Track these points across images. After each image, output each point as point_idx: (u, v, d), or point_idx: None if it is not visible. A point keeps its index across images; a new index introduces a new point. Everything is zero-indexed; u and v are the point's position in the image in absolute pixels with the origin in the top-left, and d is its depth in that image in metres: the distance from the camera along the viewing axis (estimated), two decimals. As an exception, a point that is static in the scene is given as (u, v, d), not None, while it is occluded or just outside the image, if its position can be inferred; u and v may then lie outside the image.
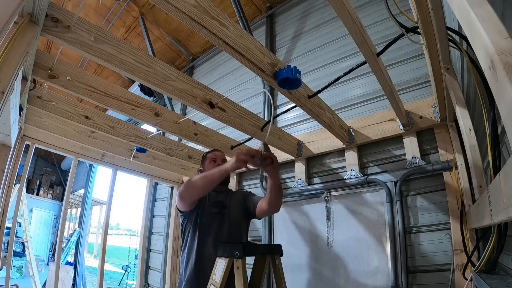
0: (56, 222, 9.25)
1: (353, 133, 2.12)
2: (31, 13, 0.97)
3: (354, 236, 2.03)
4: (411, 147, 1.90)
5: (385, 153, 2.06)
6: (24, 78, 1.36)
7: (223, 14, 1.07)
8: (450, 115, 1.67)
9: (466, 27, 0.53)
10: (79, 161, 2.68)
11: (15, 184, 2.40)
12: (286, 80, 1.28)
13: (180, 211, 1.61)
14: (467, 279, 1.37)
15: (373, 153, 2.12)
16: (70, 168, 2.76)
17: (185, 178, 3.40)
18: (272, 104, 1.94)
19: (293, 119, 2.71)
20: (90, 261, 10.89)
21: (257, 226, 2.67)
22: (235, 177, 2.98)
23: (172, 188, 3.59)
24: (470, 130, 1.23)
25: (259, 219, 1.78)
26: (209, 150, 1.87)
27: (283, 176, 2.64)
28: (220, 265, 1.28)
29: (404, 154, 1.94)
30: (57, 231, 5.70)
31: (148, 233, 3.91)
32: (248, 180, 2.93)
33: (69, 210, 10.05)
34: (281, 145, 2.17)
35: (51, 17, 1.07)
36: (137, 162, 2.74)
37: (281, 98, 2.90)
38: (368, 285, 1.88)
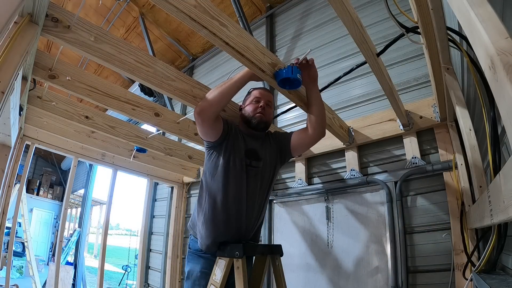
0: (56, 222, 9.24)
1: (353, 133, 2.12)
2: (31, 13, 0.97)
3: (354, 236, 2.03)
4: (411, 147, 1.90)
5: (385, 153, 2.06)
6: (24, 78, 1.36)
7: (223, 14, 1.07)
8: (450, 115, 1.67)
9: (466, 27, 0.53)
10: (79, 161, 2.68)
11: (15, 184, 2.40)
12: (286, 80, 1.27)
13: (206, 141, 1.42)
14: (467, 279, 1.37)
15: (373, 153, 2.12)
16: (70, 168, 2.76)
17: (185, 178, 3.41)
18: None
19: (293, 119, 2.71)
20: (90, 261, 10.88)
21: (257, 226, 2.67)
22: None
23: (172, 188, 3.59)
24: (470, 130, 1.23)
25: (294, 155, 1.56)
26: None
27: (283, 176, 2.64)
28: (220, 265, 1.28)
29: (404, 154, 1.94)
30: (57, 231, 5.70)
31: (148, 233, 3.91)
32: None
33: (69, 210, 10.05)
34: (281, 145, 2.16)
35: (51, 17, 1.07)
36: (137, 162, 2.74)
37: (281, 98, 2.90)
38: (368, 285, 1.88)
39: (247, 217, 1.39)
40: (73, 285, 6.51)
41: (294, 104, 1.57)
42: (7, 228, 2.47)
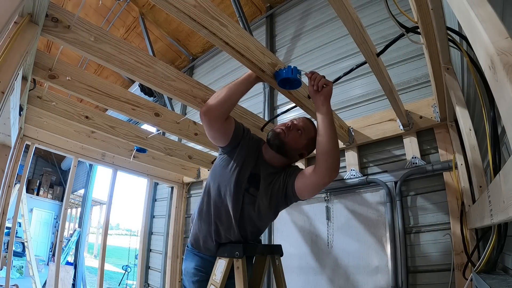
0: (56, 222, 9.24)
1: (353, 133, 2.12)
2: (31, 13, 0.97)
3: (354, 236, 2.03)
4: (411, 147, 1.90)
5: (385, 153, 2.06)
6: (24, 78, 1.36)
7: (223, 14, 1.07)
8: (450, 115, 1.67)
9: (466, 27, 0.53)
10: (79, 161, 2.68)
11: (15, 184, 2.40)
12: (286, 80, 1.27)
13: (219, 147, 1.33)
14: (467, 279, 1.37)
15: (373, 153, 2.12)
16: (70, 168, 2.76)
17: (185, 178, 3.41)
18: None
19: (293, 119, 2.71)
20: (90, 261, 10.88)
21: (257, 226, 2.66)
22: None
23: (172, 188, 3.59)
24: (470, 130, 1.23)
25: (302, 199, 1.28)
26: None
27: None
28: (220, 265, 1.28)
29: (404, 154, 1.94)
30: (57, 231, 5.70)
31: (148, 233, 3.91)
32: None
33: (69, 210, 10.05)
34: (281, 145, 2.16)
35: (51, 17, 1.07)
36: (137, 162, 2.74)
37: (281, 98, 2.90)
38: (368, 285, 1.88)
39: (241, 236, 1.31)
40: (73, 285, 6.50)
41: (294, 104, 1.57)
42: (7, 228, 2.47)
